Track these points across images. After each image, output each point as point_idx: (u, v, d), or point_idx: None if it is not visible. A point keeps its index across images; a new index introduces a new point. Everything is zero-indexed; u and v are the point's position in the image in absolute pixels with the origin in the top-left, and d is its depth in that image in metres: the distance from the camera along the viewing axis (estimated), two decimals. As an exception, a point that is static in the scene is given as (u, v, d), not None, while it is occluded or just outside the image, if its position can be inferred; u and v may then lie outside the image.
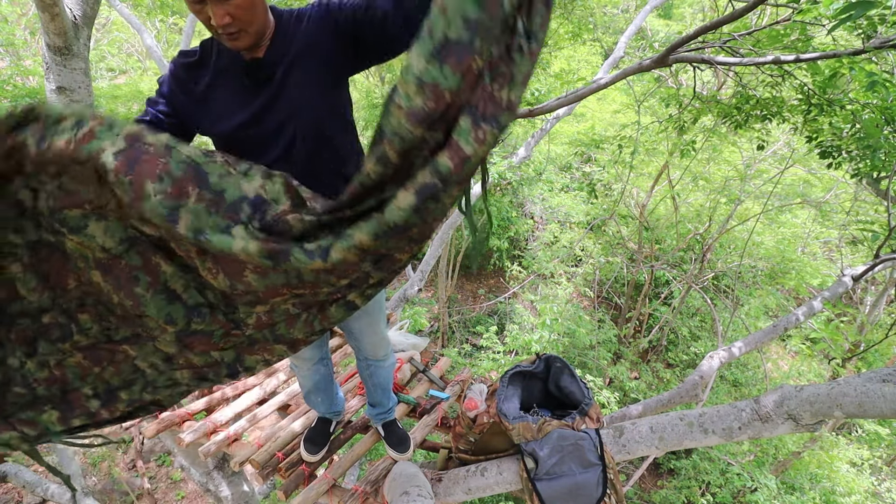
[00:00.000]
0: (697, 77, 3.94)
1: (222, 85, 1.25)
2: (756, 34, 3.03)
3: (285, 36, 1.22)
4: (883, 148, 2.75)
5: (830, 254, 9.13)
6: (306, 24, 1.22)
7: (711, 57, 2.62)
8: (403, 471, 1.68)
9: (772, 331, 2.81)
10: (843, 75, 2.80)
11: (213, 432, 2.00)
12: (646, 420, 1.61)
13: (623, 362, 8.22)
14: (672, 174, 8.23)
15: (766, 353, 8.91)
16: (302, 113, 1.25)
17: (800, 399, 1.38)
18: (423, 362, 2.57)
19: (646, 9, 4.71)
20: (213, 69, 1.25)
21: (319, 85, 1.24)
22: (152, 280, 0.93)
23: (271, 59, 1.22)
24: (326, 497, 1.79)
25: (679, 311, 8.77)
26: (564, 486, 1.52)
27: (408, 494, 1.52)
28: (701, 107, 4.12)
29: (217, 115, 1.26)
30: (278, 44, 1.22)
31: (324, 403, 1.91)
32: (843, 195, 7.96)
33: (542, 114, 2.79)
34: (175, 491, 6.26)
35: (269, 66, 1.22)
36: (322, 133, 1.30)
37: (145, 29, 3.96)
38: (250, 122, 1.25)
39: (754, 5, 2.23)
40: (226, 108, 1.25)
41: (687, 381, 2.51)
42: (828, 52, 2.44)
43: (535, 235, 10.95)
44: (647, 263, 8.81)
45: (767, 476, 6.31)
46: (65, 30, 1.48)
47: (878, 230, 2.81)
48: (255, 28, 1.15)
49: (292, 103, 1.24)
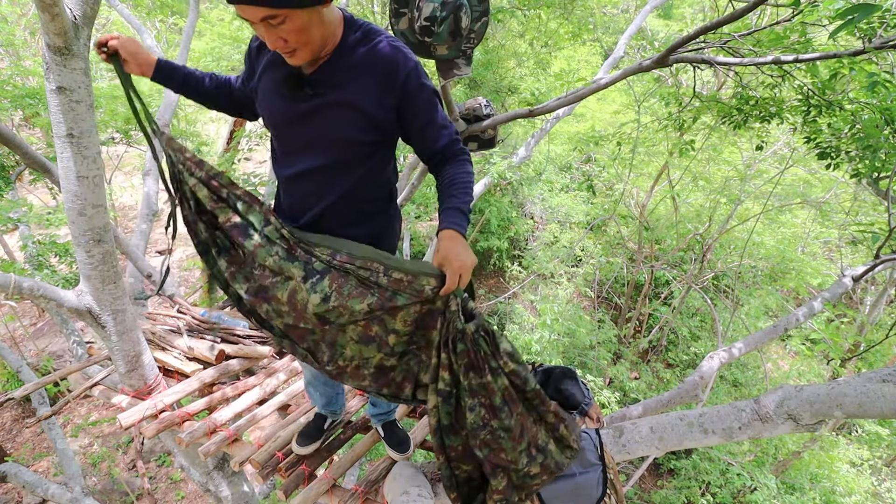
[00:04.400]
0: (697, 77, 3.94)
1: (269, 75, 1.28)
2: (756, 34, 3.03)
3: (341, 59, 1.20)
4: (883, 148, 2.75)
5: (830, 254, 9.13)
6: (376, 64, 1.19)
7: (711, 57, 2.62)
8: (403, 471, 1.68)
9: (772, 331, 2.81)
10: (843, 76, 2.80)
11: (213, 432, 2.00)
12: (646, 420, 1.61)
13: (623, 362, 8.22)
14: (672, 174, 8.24)
15: (766, 354, 8.91)
16: (326, 144, 1.26)
17: (800, 399, 1.38)
18: (423, 362, 2.57)
19: (646, 9, 4.71)
20: (267, 57, 1.29)
21: (355, 128, 1.23)
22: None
23: (319, 79, 1.21)
24: (326, 497, 1.79)
25: (679, 312, 8.77)
26: (564, 486, 1.52)
27: (408, 494, 1.52)
28: (701, 107, 4.12)
29: (262, 98, 1.31)
30: (332, 66, 1.21)
31: (321, 398, 1.91)
32: (843, 195, 7.96)
33: (542, 114, 2.79)
34: (175, 491, 6.26)
35: (312, 85, 1.21)
36: (345, 172, 1.31)
37: (145, 29, 3.96)
38: (285, 122, 1.28)
39: (754, 5, 2.23)
40: (268, 97, 1.29)
41: (687, 381, 2.51)
42: (828, 52, 2.43)
43: (535, 235, 10.95)
44: (647, 263, 8.81)
45: (767, 476, 6.31)
46: (65, 30, 1.47)
47: (877, 231, 2.81)
48: (311, 48, 1.14)
49: (322, 129, 1.24)
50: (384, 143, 1.30)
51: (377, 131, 1.24)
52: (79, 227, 1.76)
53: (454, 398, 1.27)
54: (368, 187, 1.36)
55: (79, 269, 1.86)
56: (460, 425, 1.31)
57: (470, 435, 1.28)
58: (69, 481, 3.46)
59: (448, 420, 1.29)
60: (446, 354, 1.22)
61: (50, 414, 2.54)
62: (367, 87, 1.19)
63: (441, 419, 1.29)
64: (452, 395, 1.26)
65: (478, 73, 8.42)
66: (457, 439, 1.33)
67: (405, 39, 1.94)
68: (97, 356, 2.59)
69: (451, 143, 1.27)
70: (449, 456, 1.36)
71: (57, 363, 6.72)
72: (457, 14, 1.79)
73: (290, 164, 1.33)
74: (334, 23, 1.17)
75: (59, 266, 4.71)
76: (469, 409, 1.25)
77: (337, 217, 1.35)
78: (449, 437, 1.32)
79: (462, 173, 1.27)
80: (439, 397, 1.26)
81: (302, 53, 1.14)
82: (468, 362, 1.21)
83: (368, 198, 1.38)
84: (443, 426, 1.30)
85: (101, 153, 1.77)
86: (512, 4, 5.21)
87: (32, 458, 6.38)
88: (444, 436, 1.32)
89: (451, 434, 1.32)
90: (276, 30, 1.07)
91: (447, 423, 1.30)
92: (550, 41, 9.08)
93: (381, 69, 1.18)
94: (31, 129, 11.20)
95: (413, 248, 10.60)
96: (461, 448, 1.34)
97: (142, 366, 2.15)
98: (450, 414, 1.28)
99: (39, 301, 1.82)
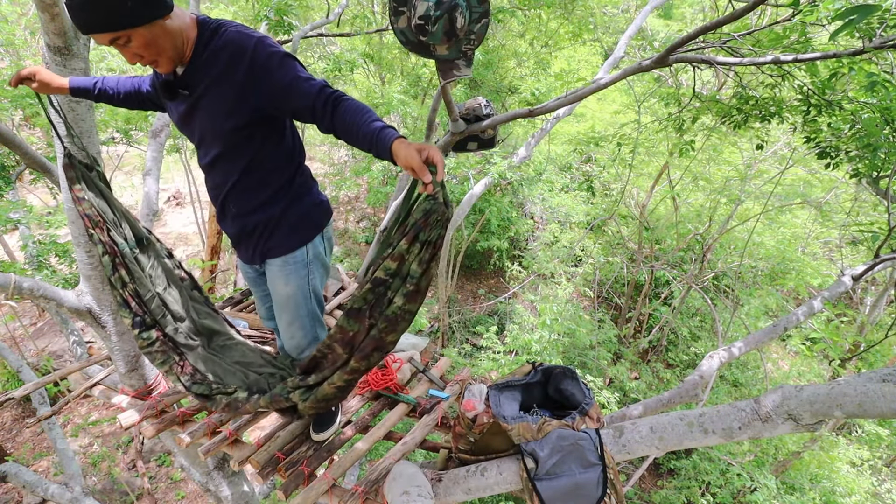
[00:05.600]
0: (697, 77, 3.94)
1: (158, 84, 1.40)
2: (756, 34, 3.03)
3: (199, 58, 1.29)
4: (883, 147, 2.75)
5: (830, 254, 9.13)
6: (224, 51, 1.27)
7: (711, 57, 2.62)
8: (403, 471, 1.68)
9: (772, 331, 2.81)
10: (843, 75, 2.80)
11: (214, 432, 2.00)
12: (646, 420, 1.61)
13: (623, 362, 8.22)
14: (672, 174, 8.24)
15: (766, 353, 8.91)
16: (210, 136, 1.38)
17: (800, 399, 1.38)
18: (423, 362, 2.57)
19: (646, 9, 4.70)
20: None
21: (225, 116, 1.32)
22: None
23: (186, 79, 1.32)
24: (326, 497, 1.79)
25: (679, 312, 8.77)
26: (564, 486, 1.52)
27: (408, 494, 1.52)
28: (701, 107, 4.12)
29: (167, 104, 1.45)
30: (193, 66, 1.30)
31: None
32: (843, 195, 7.96)
33: (542, 114, 2.79)
34: (175, 491, 6.26)
35: (183, 85, 1.32)
36: (232, 161, 1.42)
37: (145, 29, 3.97)
38: (177, 122, 1.44)
39: (754, 5, 2.23)
40: (164, 102, 1.44)
41: (687, 381, 2.51)
42: (828, 52, 2.43)
43: (535, 235, 10.95)
44: (647, 263, 8.81)
45: (767, 476, 6.30)
46: (65, 30, 1.47)
47: (877, 230, 2.81)
48: (167, 56, 1.24)
49: (202, 124, 1.37)
50: (259, 122, 1.35)
51: (245, 114, 1.31)
52: (79, 227, 1.76)
53: (385, 286, 1.29)
54: (262, 171, 1.44)
55: (79, 270, 1.86)
56: (374, 312, 1.33)
57: (381, 319, 1.31)
58: (69, 481, 3.46)
59: (359, 305, 1.33)
60: (407, 243, 1.21)
61: (50, 414, 2.54)
62: (224, 74, 1.27)
63: (353, 304, 1.33)
64: (384, 284, 1.28)
65: (478, 73, 8.42)
66: (356, 325, 1.36)
67: (404, 38, 1.93)
68: (97, 356, 2.59)
69: (324, 86, 1.26)
70: (333, 336, 1.40)
71: (57, 363, 6.72)
72: (451, 14, 1.79)
73: (201, 159, 1.47)
74: (184, 28, 1.25)
75: (59, 266, 4.70)
76: (401, 293, 1.27)
77: (236, 204, 1.49)
78: (349, 322, 1.36)
79: (358, 106, 1.23)
80: (370, 284, 1.30)
81: (162, 63, 1.24)
82: (423, 248, 1.21)
83: (266, 181, 1.46)
84: (351, 309, 1.34)
85: (101, 153, 1.77)
86: (512, 4, 5.21)
87: (32, 458, 6.38)
88: (346, 319, 1.36)
89: (353, 319, 1.35)
90: (127, 49, 1.17)
91: (357, 307, 1.33)
92: (551, 41, 9.08)
93: (229, 54, 1.26)
94: (31, 129, 11.21)
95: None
96: (352, 334, 1.38)
97: (142, 366, 2.15)
98: (366, 300, 1.32)
99: (39, 301, 1.82)
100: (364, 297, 1.32)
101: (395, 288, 1.28)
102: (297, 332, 1.75)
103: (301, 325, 1.73)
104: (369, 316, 1.33)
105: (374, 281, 1.29)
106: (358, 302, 1.33)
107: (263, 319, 1.96)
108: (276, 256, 1.60)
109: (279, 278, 1.63)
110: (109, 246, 1.62)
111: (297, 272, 1.62)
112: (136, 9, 1.11)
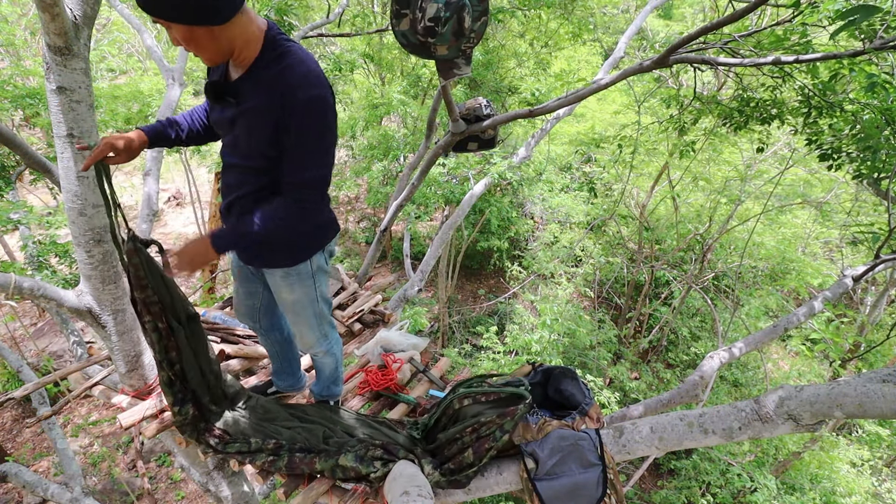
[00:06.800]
0: (698, 78, 3.94)
1: (207, 82, 1.42)
2: (757, 35, 3.02)
3: (255, 74, 1.31)
4: (883, 149, 2.75)
5: (831, 254, 9.13)
6: (278, 82, 1.28)
7: (712, 58, 2.61)
8: (403, 471, 1.68)
9: (772, 331, 2.81)
10: (843, 76, 2.79)
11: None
12: (646, 420, 1.61)
13: (623, 362, 8.22)
14: (672, 174, 8.23)
15: (766, 354, 8.91)
16: (245, 147, 1.42)
17: (800, 399, 1.38)
18: (423, 362, 2.57)
19: (646, 9, 4.70)
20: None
21: (266, 144, 1.35)
22: None
23: (237, 88, 1.34)
24: (326, 497, 1.79)
25: (679, 312, 8.77)
26: (564, 486, 1.52)
27: (408, 494, 1.52)
28: (701, 108, 4.12)
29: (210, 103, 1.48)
30: (247, 79, 1.32)
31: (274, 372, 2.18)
32: (843, 195, 7.95)
33: (543, 114, 2.78)
34: (175, 491, 6.26)
35: (233, 93, 1.34)
36: (253, 174, 1.46)
37: (145, 29, 3.96)
38: (216, 124, 1.48)
39: (755, 6, 2.23)
40: (208, 100, 1.47)
41: (687, 381, 2.51)
42: (828, 53, 2.43)
43: (535, 235, 10.95)
44: (647, 264, 8.82)
45: (767, 476, 6.30)
46: (65, 30, 1.47)
47: (878, 231, 2.80)
48: (207, 55, 1.25)
49: (241, 134, 1.40)
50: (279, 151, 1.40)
51: (278, 146, 1.34)
52: (79, 227, 1.76)
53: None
54: (275, 191, 1.47)
55: (79, 270, 1.86)
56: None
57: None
58: (69, 481, 3.46)
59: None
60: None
61: (50, 414, 2.54)
62: (271, 104, 1.28)
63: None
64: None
65: (478, 73, 8.41)
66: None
67: (406, 40, 1.94)
68: (97, 356, 2.59)
69: (305, 183, 1.36)
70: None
71: (57, 363, 6.72)
72: (460, 14, 1.80)
73: (224, 154, 1.51)
74: (246, 38, 1.26)
75: (59, 266, 4.70)
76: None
77: (241, 210, 1.51)
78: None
79: (278, 213, 1.38)
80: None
81: (202, 56, 1.25)
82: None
83: (272, 199, 1.49)
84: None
85: (101, 153, 1.76)
86: (512, 4, 5.20)
87: (32, 458, 6.38)
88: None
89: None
90: (168, 32, 1.19)
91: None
92: (551, 41, 9.08)
93: (282, 90, 1.26)
94: (31, 129, 11.22)
95: (413, 248, 10.60)
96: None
97: (142, 366, 2.15)
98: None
99: (39, 301, 1.82)
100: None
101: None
102: (304, 330, 1.80)
103: (308, 324, 1.78)
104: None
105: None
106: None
107: (242, 316, 1.94)
108: (278, 268, 1.62)
109: (283, 287, 1.66)
110: (165, 331, 1.62)
111: (302, 282, 1.65)
112: (182, 8, 1.11)
